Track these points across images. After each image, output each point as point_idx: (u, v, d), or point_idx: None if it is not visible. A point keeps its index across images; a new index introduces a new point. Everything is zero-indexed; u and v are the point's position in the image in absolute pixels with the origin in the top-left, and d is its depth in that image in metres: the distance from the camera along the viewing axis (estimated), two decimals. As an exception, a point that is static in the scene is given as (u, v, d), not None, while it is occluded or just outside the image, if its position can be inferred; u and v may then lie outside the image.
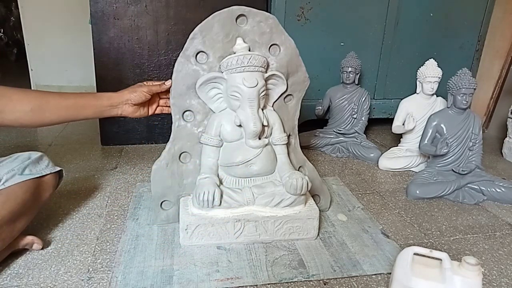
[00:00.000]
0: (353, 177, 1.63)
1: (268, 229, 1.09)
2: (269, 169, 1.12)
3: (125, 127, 1.87)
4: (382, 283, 0.97)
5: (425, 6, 2.06)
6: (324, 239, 1.14)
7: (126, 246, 1.07)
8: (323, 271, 1.00)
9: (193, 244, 1.07)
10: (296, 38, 1.12)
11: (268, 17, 1.07)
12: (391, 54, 2.12)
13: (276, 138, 1.12)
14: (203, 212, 1.05)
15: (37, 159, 1.06)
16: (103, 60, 1.76)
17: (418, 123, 1.70)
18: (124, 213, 1.26)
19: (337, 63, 1.91)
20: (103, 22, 1.70)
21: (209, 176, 1.07)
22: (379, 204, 1.39)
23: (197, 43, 1.04)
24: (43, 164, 1.06)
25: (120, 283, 0.93)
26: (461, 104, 1.47)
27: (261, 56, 1.04)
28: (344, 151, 1.86)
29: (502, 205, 1.42)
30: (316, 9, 1.94)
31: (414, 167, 1.70)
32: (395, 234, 1.20)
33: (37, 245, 1.02)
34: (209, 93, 1.08)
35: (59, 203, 1.30)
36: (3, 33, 4.39)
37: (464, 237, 1.20)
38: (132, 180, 1.51)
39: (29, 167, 1.02)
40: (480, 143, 1.51)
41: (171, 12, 1.75)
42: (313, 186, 1.16)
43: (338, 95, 1.90)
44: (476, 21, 2.17)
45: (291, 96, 1.18)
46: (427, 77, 1.66)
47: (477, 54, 2.25)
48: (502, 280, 1.00)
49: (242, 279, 0.96)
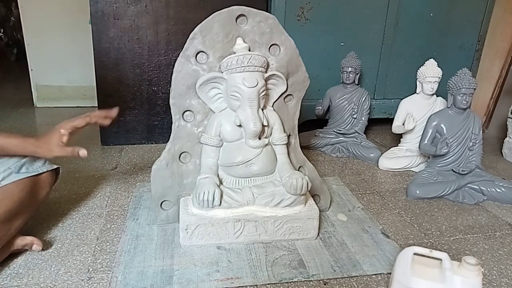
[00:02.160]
0: (353, 177, 1.63)
1: (268, 229, 1.09)
2: (269, 169, 1.12)
3: (125, 127, 1.87)
4: (382, 283, 0.97)
5: (425, 6, 2.07)
6: (324, 239, 1.14)
7: (126, 246, 1.07)
8: (323, 271, 1.00)
9: (193, 244, 1.07)
10: (296, 38, 1.12)
11: (268, 17, 1.07)
12: (391, 54, 2.12)
13: (276, 138, 1.12)
14: (203, 212, 1.05)
15: (34, 157, 1.05)
16: (103, 60, 1.75)
17: (418, 123, 1.70)
18: (124, 213, 1.26)
19: (337, 63, 1.92)
20: (103, 22, 1.70)
21: (209, 176, 1.07)
22: (379, 204, 1.39)
23: (197, 43, 1.04)
24: (40, 162, 1.06)
25: (120, 283, 0.93)
26: (461, 104, 1.47)
27: (261, 56, 1.04)
28: (344, 151, 1.86)
29: (502, 205, 1.42)
30: (316, 9, 1.94)
31: (414, 167, 1.70)
32: (395, 234, 1.20)
33: (37, 246, 1.02)
34: (209, 93, 1.08)
35: (59, 203, 1.30)
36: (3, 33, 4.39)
37: (464, 237, 1.20)
38: (132, 180, 1.51)
39: (26, 165, 1.01)
40: (480, 143, 1.51)
41: (171, 12, 1.75)
42: (313, 186, 1.16)
43: (338, 95, 1.90)
44: (476, 21, 2.17)
45: (291, 96, 1.18)
46: (427, 77, 1.66)
47: (477, 54, 2.25)
48: (502, 280, 1.00)
49: (242, 279, 0.96)
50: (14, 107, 2.55)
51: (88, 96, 2.54)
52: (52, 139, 0.98)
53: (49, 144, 0.97)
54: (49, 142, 0.98)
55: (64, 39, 2.46)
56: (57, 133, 0.98)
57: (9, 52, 4.43)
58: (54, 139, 0.98)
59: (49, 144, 0.97)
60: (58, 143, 0.98)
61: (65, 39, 2.46)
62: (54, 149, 0.97)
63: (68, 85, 2.57)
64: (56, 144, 0.97)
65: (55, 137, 0.98)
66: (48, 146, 0.97)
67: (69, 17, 2.41)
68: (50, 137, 0.98)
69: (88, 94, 2.55)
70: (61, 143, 0.98)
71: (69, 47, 2.48)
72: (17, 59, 4.33)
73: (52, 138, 0.98)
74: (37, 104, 2.57)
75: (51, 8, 2.39)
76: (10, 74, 3.73)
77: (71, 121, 1.01)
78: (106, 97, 1.80)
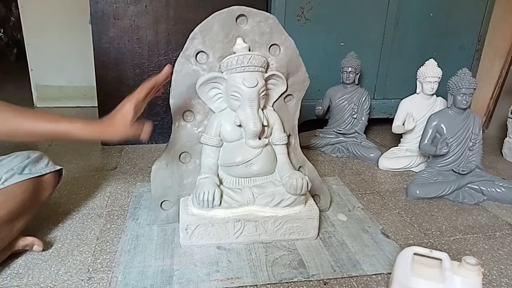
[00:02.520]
0: (353, 177, 1.63)
1: (268, 229, 1.09)
2: (269, 169, 1.12)
3: (125, 127, 1.87)
4: (382, 283, 0.97)
5: (425, 6, 2.06)
6: (324, 239, 1.14)
7: (126, 246, 1.07)
8: (323, 271, 1.00)
9: (193, 244, 1.07)
10: (296, 38, 1.12)
11: (268, 17, 1.07)
12: (391, 54, 2.12)
13: (276, 138, 1.12)
14: (203, 212, 1.05)
15: (37, 158, 1.06)
16: (103, 60, 1.76)
17: (418, 123, 1.69)
18: (124, 213, 1.26)
19: (337, 63, 1.91)
20: (103, 22, 1.70)
21: (209, 176, 1.07)
22: (379, 204, 1.39)
23: (197, 43, 1.04)
24: (43, 163, 1.06)
25: (120, 283, 0.93)
26: (461, 104, 1.47)
27: (261, 56, 1.04)
28: (344, 151, 1.86)
29: (502, 205, 1.42)
30: (316, 9, 1.94)
31: (414, 167, 1.70)
32: (395, 234, 1.20)
33: (37, 246, 1.01)
34: (209, 93, 1.08)
35: (59, 203, 1.30)
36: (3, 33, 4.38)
37: (464, 237, 1.20)
38: (132, 180, 1.51)
39: (29, 166, 1.01)
40: (480, 143, 1.51)
41: (171, 12, 1.75)
42: (313, 186, 1.16)
43: (338, 95, 1.90)
44: (476, 21, 2.17)
45: (291, 96, 1.18)
46: (427, 77, 1.66)
47: (477, 54, 2.25)
48: (502, 280, 1.00)
49: (242, 279, 0.96)
50: (14, 107, 2.55)
51: (88, 96, 2.54)
52: (116, 119, 0.87)
53: (113, 125, 0.86)
54: (113, 123, 0.87)
55: (64, 39, 2.46)
56: (122, 111, 0.87)
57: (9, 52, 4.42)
58: (119, 118, 0.87)
59: (113, 125, 0.86)
60: (124, 122, 0.86)
61: (65, 39, 2.46)
62: (120, 128, 0.86)
63: (68, 85, 2.57)
64: (122, 124, 0.86)
65: (120, 116, 0.87)
66: (113, 127, 0.86)
67: (69, 17, 2.41)
68: (115, 117, 0.87)
69: (88, 94, 2.55)
70: (127, 121, 0.86)
71: (69, 47, 2.48)
72: (17, 59, 4.33)
73: (117, 118, 0.87)
74: (37, 104, 2.57)
75: (51, 8, 2.39)
76: (10, 74, 3.73)
77: (132, 95, 0.90)
78: (106, 97, 1.79)
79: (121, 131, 0.86)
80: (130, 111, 0.87)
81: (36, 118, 0.83)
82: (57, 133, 0.84)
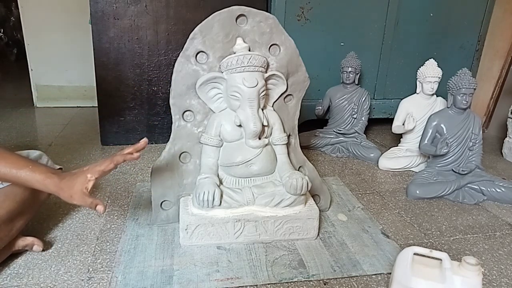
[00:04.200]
0: (353, 177, 1.63)
1: (268, 229, 1.09)
2: (269, 169, 1.12)
3: (125, 127, 1.87)
4: (382, 283, 0.97)
5: (425, 6, 2.06)
6: (324, 239, 1.14)
7: (126, 246, 1.07)
8: (323, 271, 1.00)
9: (193, 244, 1.07)
10: (296, 38, 1.12)
11: (268, 17, 1.07)
12: (391, 54, 2.12)
13: (276, 138, 1.12)
14: (203, 212, 1.05)
15: (36, 157, 1.06)
16: (103, 60, 1.75)
17: (418, 123, 1.70)
18: (124, 213, 1.26)
19: (337, 63, 1.92)
20: (103, 22, 1.70)
21: (209, 176, 1.07)
22: (379, 204, 1.39)
23: (197, 43, 1.04)
24: (42, 163, 1.06)
25: (120, 283, 0.93)
26: (461, 104, 1.47)
27: (261, 56, 1.04)
28: (344, 151, 1.86)
29: (502, 205, 1.42)
30: (316, 9, 1.94)
31: (414, 167, 1.70)
32: (395, 234, 1.20)
33: (37, 246, 1.02)
34: (209, 93, 1.08)
35: (59, 203, 1.29)
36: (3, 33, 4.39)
37: (464, 237, 1.20)
38: (132, 180, 1.51)
39: None
40: (480, 143, 1.51)
41: (171, 12, 1.75)
42: (313, 186, 1.16)
43: (338, 95, 1.91)
44: (476, 21, 2.17)
45: (291, 96, 1.18)
46: (427, 77, 1.66)
47: (477, 54, 2.25)
48: (502, 280, 1.00)
49: (242, 279, 0.96)
50: (14, 107, 2.55)
51: (88, 96, 2.55)
52: (76, 183, 0.87)
53: (72, 188, 0.87)
54: (72, 186, 0.87)
55: (64, 39, 2.46)
56: (83, 177, 0.88)
57: (9, 52, 4.43)
58: (79, 183, 0.87)
59: (72, 188, 0.87)
60: (81, 189, 0.86)
61: (65, 39, 2.46)
62: (75, 195, 0.87)
63: (68, 85, 2.57)
64: (79, 191, 0.86)
65: (80, 182, 0.87)
66: (70, 191, 0.87)
67: (69, 17, 2.41)
68: (75, 180, 0.88)
69: (88, 94, 2.55)
70: (84, 189, 0.86)
71: (69, 47, 2.48)
72: (17, 59, 4.33)
73: (77, 182, 0.87)
74: (37, 104, 2.57)
75: (51, 8, 2.39)
76: (10, 74, 3.73)
77: (98, 164, 0.91)
78: (106, 97, 1.79)
79: (76, 199, 0.87)
80: (91, 182, 0.88)
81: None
82: (17, 178, 0.87)
